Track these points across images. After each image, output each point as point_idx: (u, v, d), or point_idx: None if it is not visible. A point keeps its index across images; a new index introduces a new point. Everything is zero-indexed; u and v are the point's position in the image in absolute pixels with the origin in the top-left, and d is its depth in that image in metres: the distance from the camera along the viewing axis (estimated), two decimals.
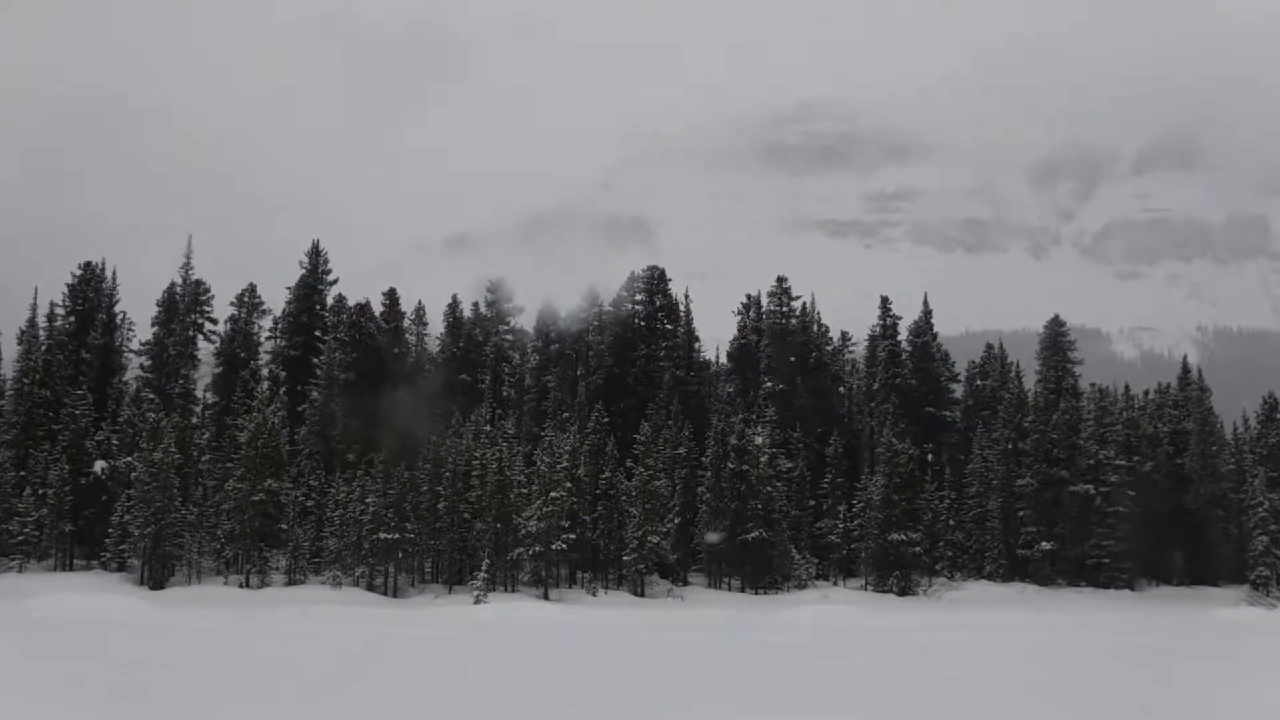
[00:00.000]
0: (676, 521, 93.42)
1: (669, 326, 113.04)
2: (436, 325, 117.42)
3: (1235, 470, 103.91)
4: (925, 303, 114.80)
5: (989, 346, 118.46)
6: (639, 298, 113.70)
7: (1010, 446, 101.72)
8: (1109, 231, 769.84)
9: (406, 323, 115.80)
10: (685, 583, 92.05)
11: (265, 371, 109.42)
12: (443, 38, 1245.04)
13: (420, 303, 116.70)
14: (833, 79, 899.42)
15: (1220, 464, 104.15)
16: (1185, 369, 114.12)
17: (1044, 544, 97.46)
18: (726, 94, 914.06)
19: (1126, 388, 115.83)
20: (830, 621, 68.25)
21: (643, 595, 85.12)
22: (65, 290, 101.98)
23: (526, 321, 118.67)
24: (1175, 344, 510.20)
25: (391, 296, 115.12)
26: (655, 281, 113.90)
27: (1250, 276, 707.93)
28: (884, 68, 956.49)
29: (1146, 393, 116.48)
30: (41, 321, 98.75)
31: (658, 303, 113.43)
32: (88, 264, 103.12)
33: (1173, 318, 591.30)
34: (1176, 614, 79.58)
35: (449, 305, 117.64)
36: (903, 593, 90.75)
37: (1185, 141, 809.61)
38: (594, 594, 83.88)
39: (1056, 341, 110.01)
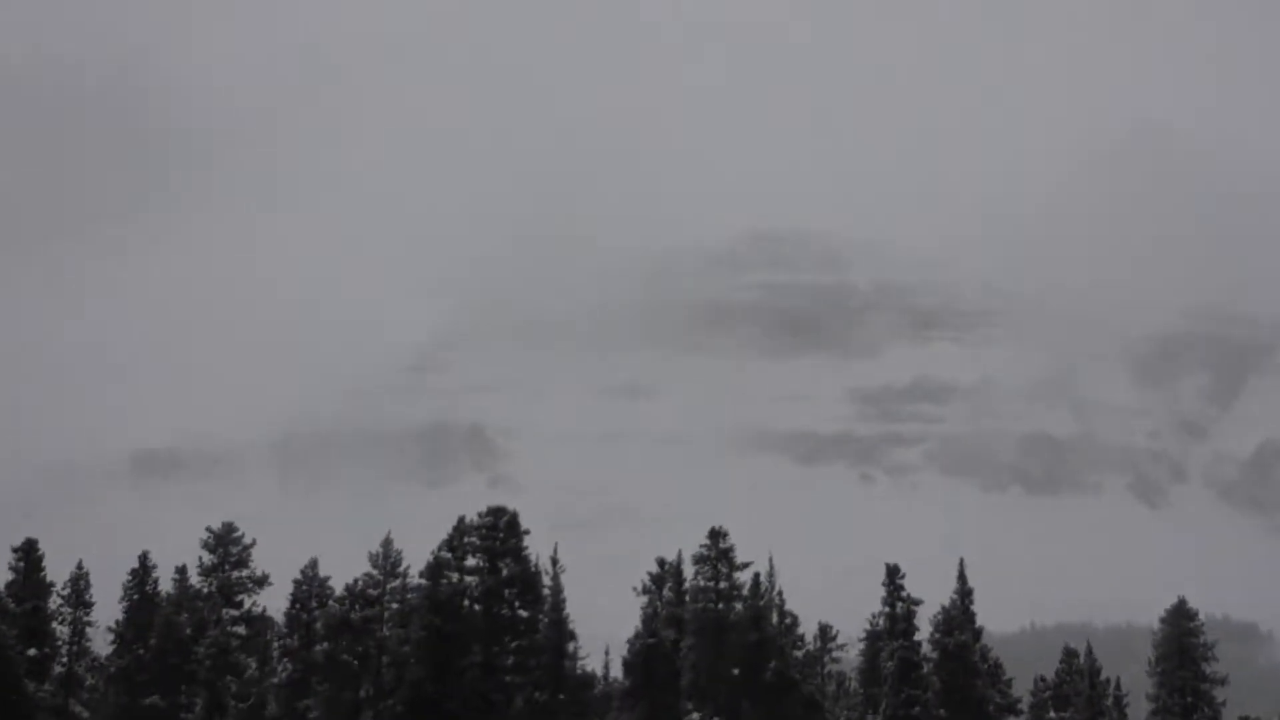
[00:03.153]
0: None
1: (524, 613, 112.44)
2: (110, 604, 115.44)
3: None
4: (962, 576, 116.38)
5: (1069, 653, 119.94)
6: (472, 563, 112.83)
7: None
8: (1269, 459, 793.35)
9: (55, 602, 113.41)
10: None
11: None
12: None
13: (82, 565, 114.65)
14: (805, 203, 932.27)
15: None
16: None
17: None
18: (624, 225, 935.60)
19: None
20: None
21: None
22: None
23: (273, 600, 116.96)
24: None
25: (28, 554, 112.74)
26: (501, 535, 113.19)
27: None
28: (889, 185, 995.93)
29: None
30: None
31: (505, 571, 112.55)
32: None
33: None
34: None
35: (134, 570, 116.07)
36: None
37: None
38: None
39: (1183, 646, 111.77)
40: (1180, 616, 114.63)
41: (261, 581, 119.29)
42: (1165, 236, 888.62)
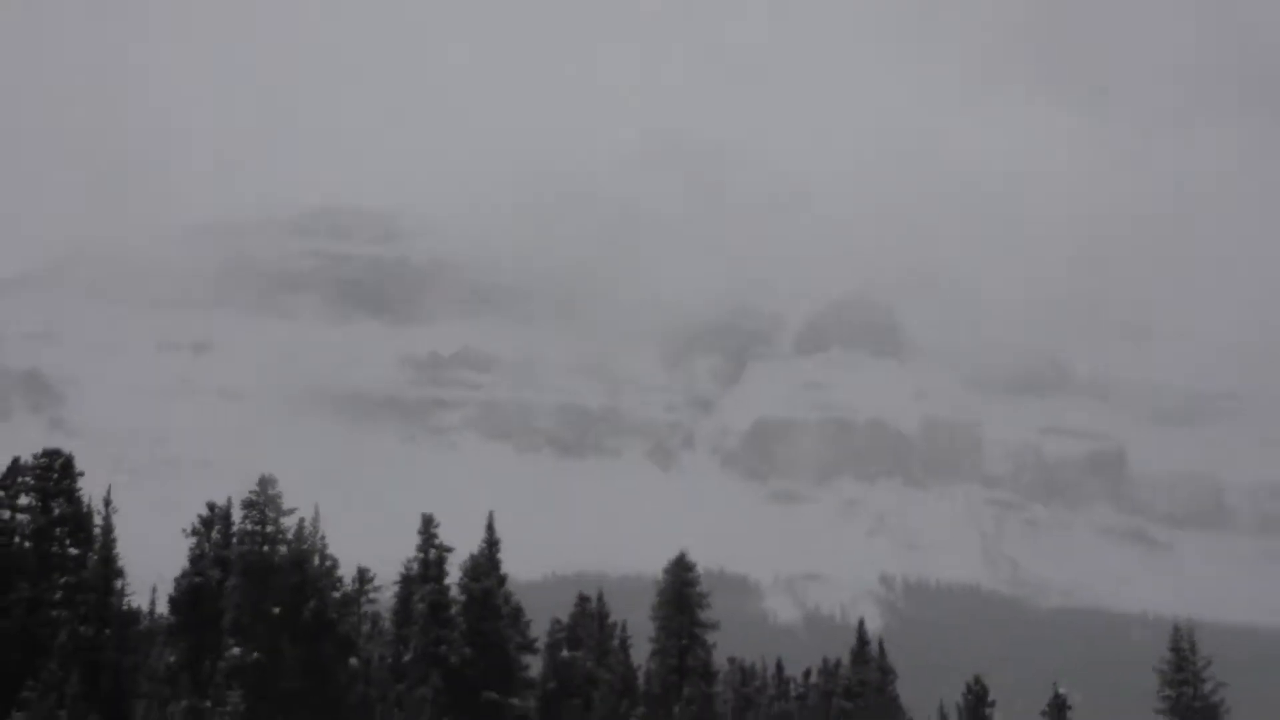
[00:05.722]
0: None
1: (74, 551, 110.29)
2: None
3: None
4: (490, 527, 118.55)
5: (583, 599, 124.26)
6: (24, 502, 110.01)
7: None
8: (763, 433, 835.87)
9: None
10: None
11: None
12: None
13: None
14: (369, 181, 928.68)
15: None
16: (862, 639, 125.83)
17: None
18: (198, 186, 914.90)
19: (779, 666, 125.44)
20: None
21: None
22: None
23: None
24: (852, 600, 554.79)
25: None
26: (54, 476, 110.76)
27: (956, 507, 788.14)
28: (448, 168, 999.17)
29: (808, 673, 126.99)
30: None
31: (57, 511, 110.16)
32: None
33: (850, 562, 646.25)
34: None
35: None
36: None
37: (869, 312, 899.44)
38: None
39: (682, 594, 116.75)
40: (680, 568, 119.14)
41: None
42: (696, 231, 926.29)
